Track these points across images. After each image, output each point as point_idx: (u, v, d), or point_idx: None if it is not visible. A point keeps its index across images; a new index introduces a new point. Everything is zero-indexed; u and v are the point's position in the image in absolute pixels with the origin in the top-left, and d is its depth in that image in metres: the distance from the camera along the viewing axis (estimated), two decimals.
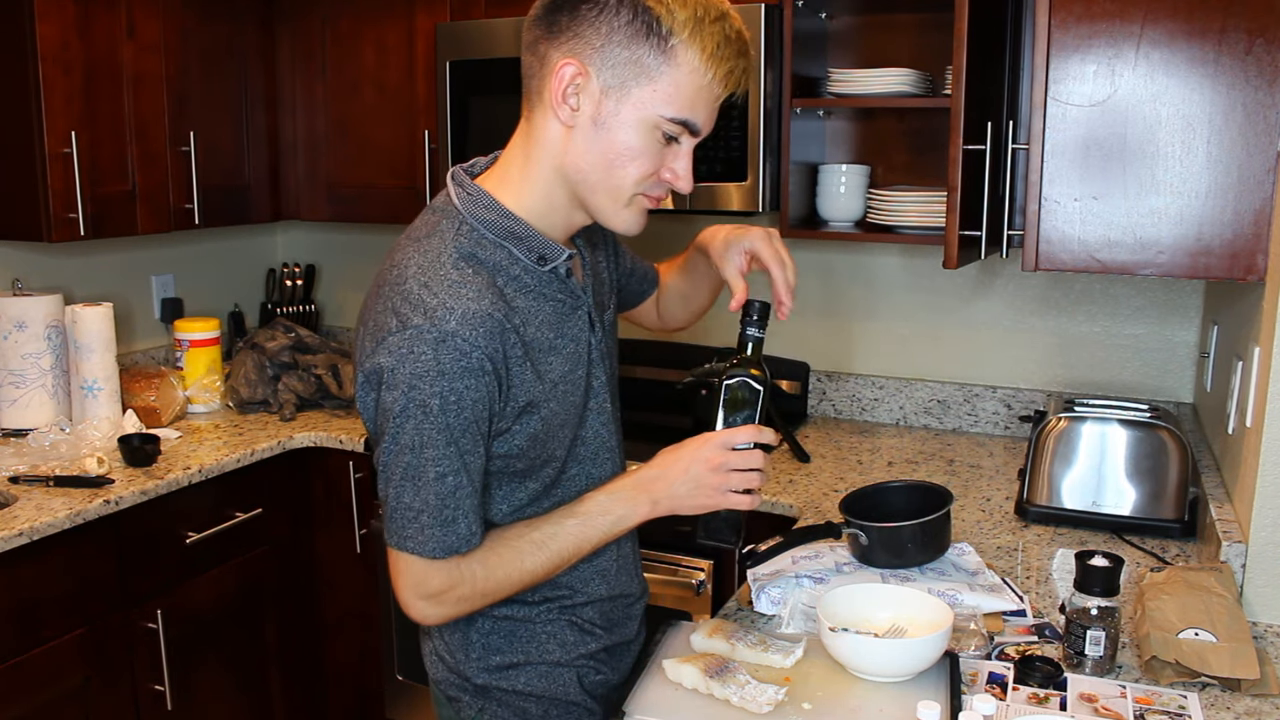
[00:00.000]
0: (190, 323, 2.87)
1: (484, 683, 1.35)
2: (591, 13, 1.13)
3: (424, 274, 1.16)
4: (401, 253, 1.20)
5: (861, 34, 2.66)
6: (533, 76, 1.20)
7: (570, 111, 1.17)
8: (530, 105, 1.22)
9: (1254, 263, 1.76)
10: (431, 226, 1.22)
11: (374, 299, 1.20)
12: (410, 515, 1.18)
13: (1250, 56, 1.72)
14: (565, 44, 1.15)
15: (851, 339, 2.87)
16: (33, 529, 2.04)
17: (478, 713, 1.36)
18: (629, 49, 1.13)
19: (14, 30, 2.38)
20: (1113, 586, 1.46)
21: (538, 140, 1.21)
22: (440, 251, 1.18)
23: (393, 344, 1.13)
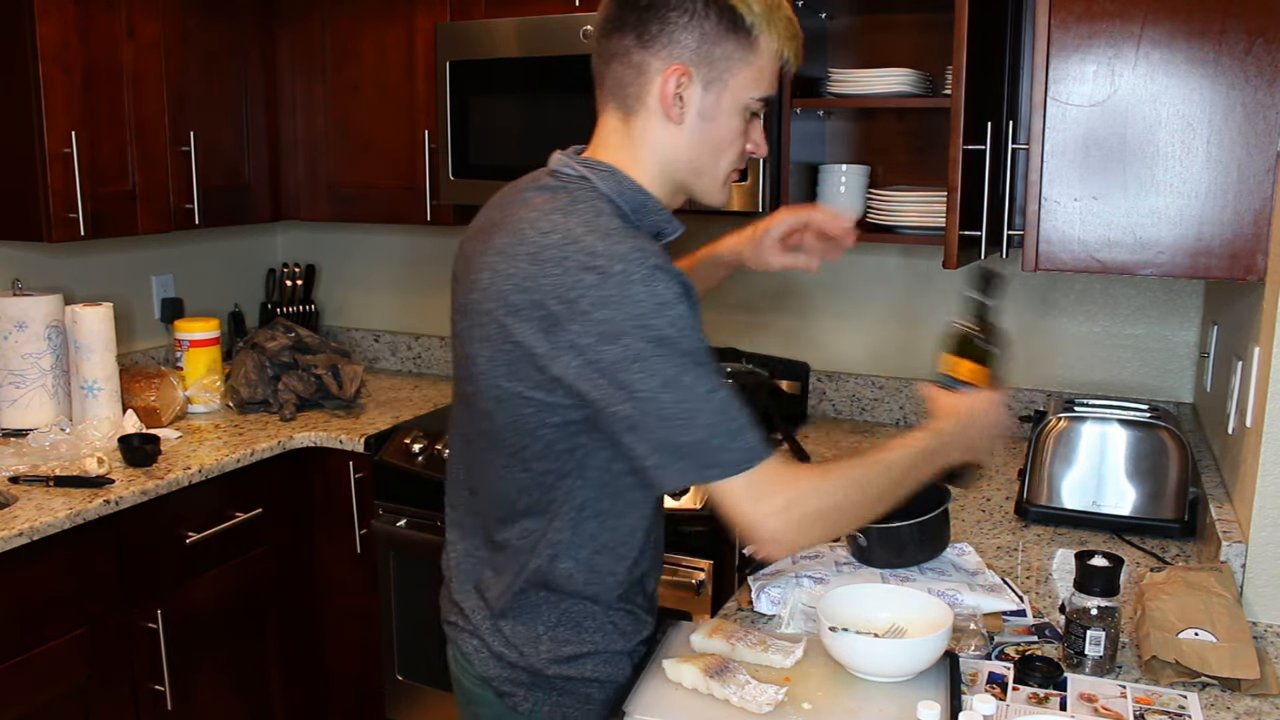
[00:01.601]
0: (190, 323, 2.87)
1: (553, 673, 1.36)
2: (683, 19, 1.24)
3: (596, 231, 1.19)
4: (549, 220, 1.22)
5: (861, 34, 2.66)
6: (629, 84, 1.28)
7: (679, 111, 1.27)
8: (628, 109, 1.30)
9: (1254, 263, 1.76)
10: (571, 198, 1.25)
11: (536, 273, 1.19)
12: (698, 446, 1.16)
13: (1250, 56, 1.72)
14: (663, 50, 1.25)
15: (851, 339, 2.87)
16: (33, 529, 2.04)
17: (535, 705, 1.37)
18: (721, 45, 1.25)
19: (14, 30, 2.38)
20: (1113, 586, 1.46)
21: (643, 140, 1.30)
22: (599, 213, 1.23)
23: (599, 297, 1.15)
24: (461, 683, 1.45)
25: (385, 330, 3.48)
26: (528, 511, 1.33)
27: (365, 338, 3.50)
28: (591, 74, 1.34)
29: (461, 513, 1.43)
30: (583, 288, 1.16)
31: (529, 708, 1.37)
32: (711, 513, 2.28)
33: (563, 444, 1.27)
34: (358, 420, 2.84)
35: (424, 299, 3.40)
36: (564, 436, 1.26)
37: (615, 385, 1.16)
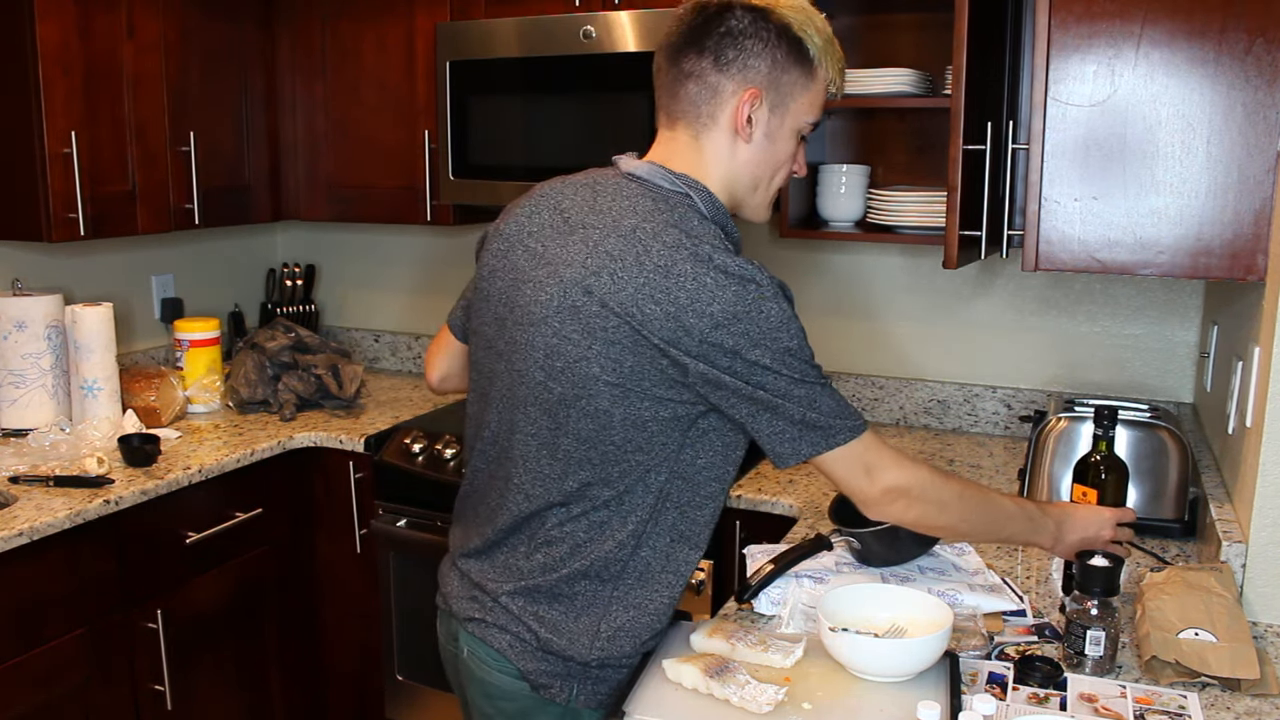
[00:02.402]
0: (190, 323, 2.87)
1: (596, 664, 1.41)
2: (756, 45, 1.35)
3: (720, 250, 1.30)
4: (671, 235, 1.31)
5: (861, 34, 2.66)
6: (703, 103, 1.38)
7: (749, 131, 1.38)
8: (700, 126, 1.39)
9: (1254, 263, 1.76)
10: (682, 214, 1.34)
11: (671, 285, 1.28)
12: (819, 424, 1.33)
13: (1250, 56, 1.72)
14: (738, 74, 1.36)
15: (851, 339, 2.87)
16: (33, 529, 2.04)
17: (571, 694, 1.41)
18: (788, 73, 1.37)
19: (14, 30, 2.38)
20: (1113, 586, 1.46)
21: (714, 157, 1.40)
22: (715, 233, 1.34)
23: (738, 311, 1.27)
24: (481, 679, 1.45)
25: (385, 330, 3.48)
26: (605, 503, 1.38)
27: (365, 338, 3.50)
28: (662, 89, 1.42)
29: (512, 511, 1.43)
30: (721, 302, 1.27)
31: (565, 697, 1.41)
32: None
33: (664, 436, 1.36)
34: (358, 420, 2.84)
35: (424, 299, 3.40)
36: (669, 429, 1.35)
37: (753, 386, 1.30)
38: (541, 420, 1.38)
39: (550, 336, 1.34)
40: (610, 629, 1.41)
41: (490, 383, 1.46)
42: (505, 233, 1.46)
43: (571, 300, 1.32)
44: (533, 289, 1.37)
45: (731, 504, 2.27)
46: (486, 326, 1.46)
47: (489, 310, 1.45)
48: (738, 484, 2.31)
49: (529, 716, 1.43)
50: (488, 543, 1.47)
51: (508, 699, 1.43)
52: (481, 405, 1.48)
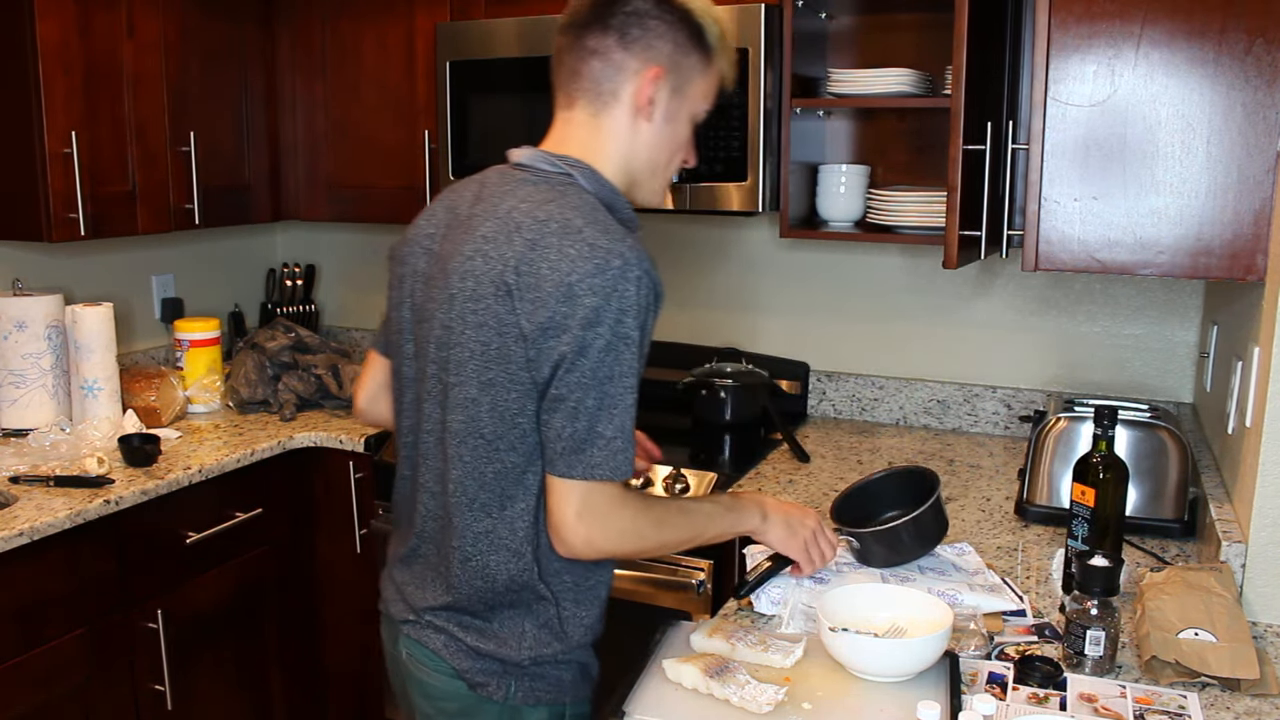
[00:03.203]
0: (190, 323, 2.87)
1: (529, 664, 1.40)
2: (660, 26, 1.37)
3: (595, 224, 1.30)
4: (545, 210, 1.31)
5: (861, 34, 2.66)
6: (606, 80, 1.38)
7: (650, 110, 1.39)
8: (601, 104, 1.39)
9: (1254, 263, 1.76)
10: (561, 192, 1.35)
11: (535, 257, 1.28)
12: (603, 443, 1.28)
13: (1250, 56, 1.72)
14: (642, 52, 1.37)
15: (851, 339, 2.87)
16: (33, 529, 2.04)
17: (509, 692, 1.40)
18: (689, 56, 1.40)
19: (14, 30, 2.38)
20: (1113, 586, 1.46)
21: (612, 135, 1.40)
22: (593, 208, 1.34)
23: (594, 285, 1.25)
24: (421, 679, 1.45)
25: None
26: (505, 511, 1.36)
27: (365, 338, 3.50)
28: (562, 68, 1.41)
29: (421, 513, 1.45)
30: (581, 273, 1.25)
31: (503, 695, 1.40)
32: None
33: (535, 435, 1.33)
34: (358, 420, 2.83)
35: None
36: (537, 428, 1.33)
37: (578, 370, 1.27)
38: (435, 415, 1.40)
39: (437, 328, 1.37)
40: (534, 628, 1.40)
41: (406, 389, 1.48)
42: (409, 239, 1.48)
43: (451, 290, 1.35)
44: (432, 288, 1.40)
45: None
46: (400, 335, 1.48)
47: (401, 317, 1.47)
48: (737, 484, 2.31)
49: (469, 716, 1.42)
50: (410, 550, 1.49)
51: (447, 699, 1.42)
52: (400, 413, 1.51)
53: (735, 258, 2.95)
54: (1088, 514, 1.71)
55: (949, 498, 2.24)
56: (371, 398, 1.63)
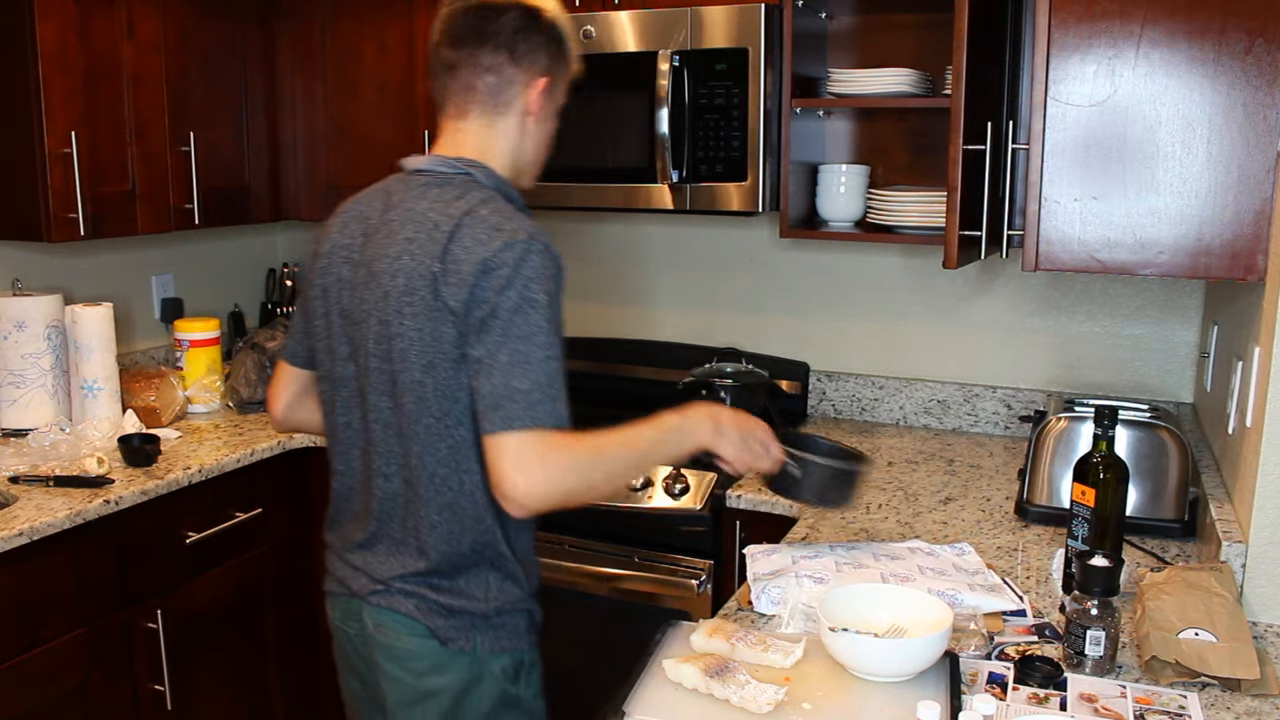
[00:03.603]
0: (190, 323, 2.87)
1: (494, 614, 1.52)
2: (541, 39, 1.55)
3: (500, 211, 1.46)
4: (457, 206, 1.47)
5: (861, 34, 2.66)
6: (500, 92, 1.54)
7: (538, 113, 1.58)
8: (497, 113, 1.56)
9: (1254, 263, 1.76)
10: (464, 189, 1.50)
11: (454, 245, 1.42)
12: (520, 396, 1.38)
13: (1250, 56, 1.72)
14: (530, 65, 1.55)
15: (851, 339, 2.87)
16: (33, 529, 2.04)
17: (476, 643, 1.52)
18: (559, 62, 1.59)
19: (14, 30, 2.38)
20: (1113, 586, 1.46)
21: (505, 137, 1.57)
22: (495, 199, 1.50)
23: (505, 258, 1.40)
24: (390, 645, 1.54)
25: None
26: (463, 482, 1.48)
27: None
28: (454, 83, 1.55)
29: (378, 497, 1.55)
30: (491, 251, 1.41)
31: (471, 647, 1.52)
32: (712, 514, 2.29)
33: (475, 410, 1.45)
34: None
35: None
36: None
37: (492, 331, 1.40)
38: (384, 404, 1.51)
39: (375, 324, 1.49)
40: (498, 580, 1.53)
41: (340, 388, 1.57)
42: (324, 254, 1.59)
43: (384, 288, 1.47)
44: (361, 292, 1.51)
45: (731, 504, 2.27)
46: (330, 340, 1.58)
47: (330, 324, 1.58)
48: (737, 484, 2.31)
49: (442, 671, 1.52)
50: (369, 534, 1.57)
51: (418, 658, 1.52)
52: (334, 413, 1.60)
53: (735, 258, 2.95)
54: (1088, 514, 1.71)
55: (949, 498, 2.25)
56: (289, 406, 1.73)
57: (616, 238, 3.09)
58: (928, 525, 2.08)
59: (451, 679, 1.52)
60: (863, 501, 2.21)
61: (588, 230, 3.12)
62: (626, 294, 3.11)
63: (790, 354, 2.92)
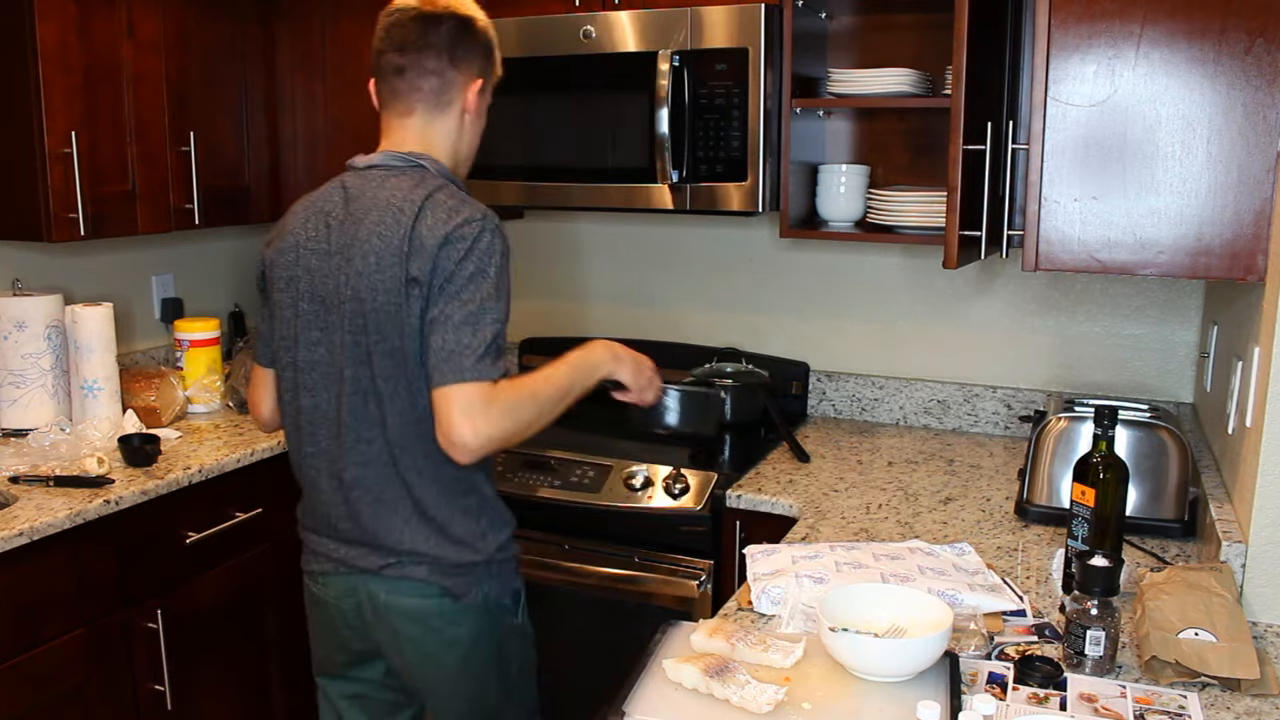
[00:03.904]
0: (190, 323, 2.87)
1: (493, 558, 1.71)
2: (477, 46, 1.73)
3: (455, 196, 1.65)
4: (416, 192, 1.63)
5: (861, 34, 2.66)
6: (442, 93, 1.72)
7: (475, 111, 1.76)
8: (439, 111, 1.73)
9: (1254, 263, 1.76)
10: (420, 178, 1.67)
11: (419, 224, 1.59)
12: (469, 351, 1.56)
13: (1250, 56, 1.72)
14: (467, 69, 1.73)
15: (851, 339, 2.87)
16: (33, 529, 2.04)
17: (481, 592, 1.71)
18: (490, 64, 1.77)
19: (14, 30, 2.38)
20: (1113, 586, 1.46)
21: (444, 133, 1.75)
22: (446, 185, 1.67)
23: (461, 235, 1.58)
24: (408, 608, 1.70)
25: None
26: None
27: None
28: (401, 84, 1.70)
29: (358, 463, 1.68)
30: (451, 227, 1.58)
31: (478, 595, 1.70)
32: (712, 514, 2.28)
33: None
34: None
35: None
36: None
37: (446, 288, 1.57)
38: (363, 374, 1.65)
39: (350, 303, 1.63)
40: (486, 523, 1.71)
41: (307, 372, 1.70)
42: (286, 249, 1.72)
43: (358, 268, 1.62)
44: (336, 276, 1.66)
45: (731, 504, 2.27)
46: (296, 328, 1.71)
47: (299, 312, 1.70)
48: (737, 484, 2.31)
49: (458, 622, 1.71)
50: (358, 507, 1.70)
51: (437, 616, 1.70)
52: (298, 397, 1.73)
53: (735, 258, 2.95)
54: (1088, 514, 1.71)
55: (949, 498, 2.25)
56: (273, 410, 1.85)
57: (616, 238, 3.09)
58: (928, 525, 2.08)
59: (468, 628, 1.71)
60: (863, 501, 2.21)
61: (588, 230, 3.13)
62: (626, 294, 3.11)
63: (790, 354, 2.92)
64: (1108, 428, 1.70)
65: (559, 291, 3.20)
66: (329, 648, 1.83)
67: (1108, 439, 1.70)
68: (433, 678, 1.76)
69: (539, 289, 3.22)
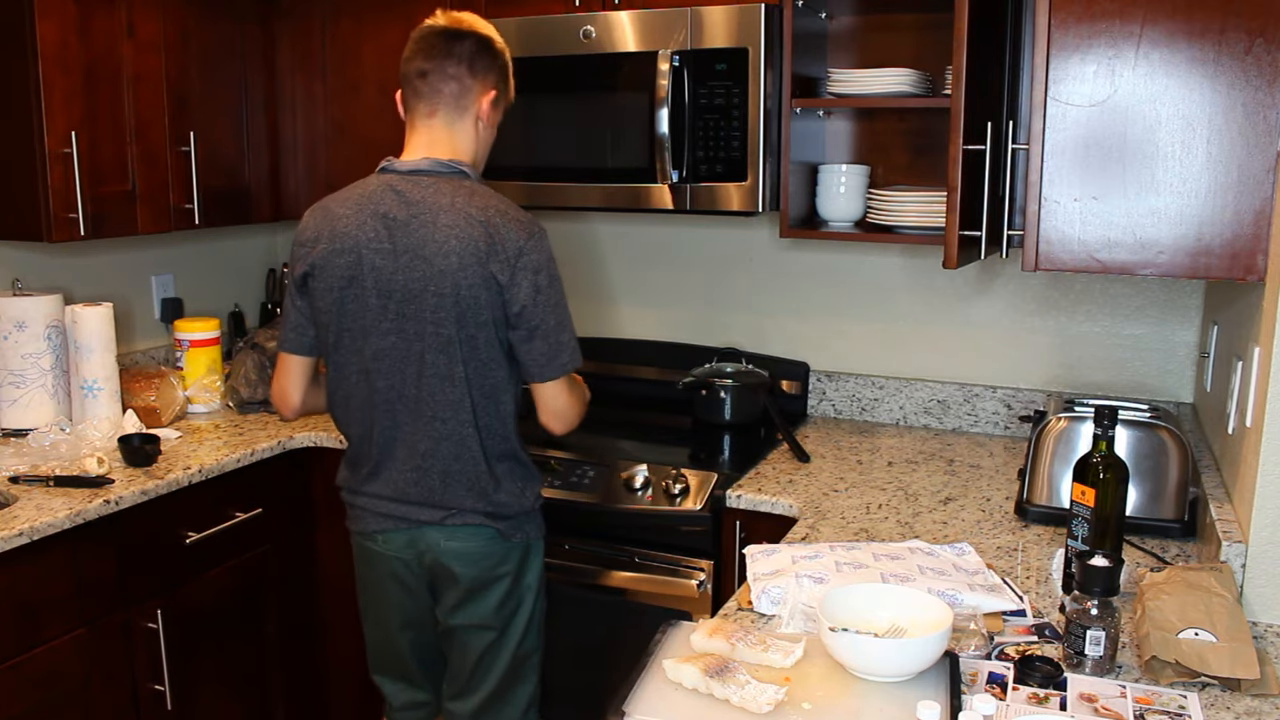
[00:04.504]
0: (190, 323, 2.87)
1: (533, 507, 2.03)
2: (497, 62, 1.97)
3: (510, 205, 1.90)
4: (475, 202, 1.87)
5: (861, 34, 2.66)
6: (461, 97, 1.94)
7: (488, 119, 1.98)
8: (458, 117, 1.95)
9: (1254, 263, 1.76)
10: (470, 186, 1.90)
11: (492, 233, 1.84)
12: (567, 345, 1.92)
13: (1250, 56, 1.72)
14: (484, 78, 1.95)
15: (851, 339, 2.87)
16: (33, 529, 2.04)
17: (526, 534, 2.01)
18: (504, 82, 2.00)
19: (14, 30, 2.38)
20: (1113, 586, 1.46)
21: (465, 137, 1.96)
22: (487, 190, 1.92)
23: (530, 245, 1.85)
24: (463, 551, 1.96)
25: None
26: (500, 410, 1.94)
27: None
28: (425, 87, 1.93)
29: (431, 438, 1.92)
30: (521, 239, 1.85)
31: (523, 537, 2.01)
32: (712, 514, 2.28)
33: (505, 352, 1.90)
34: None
35: None
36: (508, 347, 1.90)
37: (538, 300, 1.86)
38: (439, 360, 1.88)
39: (431, 297, 1.85)
40: (523, 480, 2.01)
41: (379, 359, 1.91)
42: (343, 250, 1.90)
43: (438, 267, 1.84)
44: (406, 273, 1.86)
45: (731, 504, 2.27)
46: (364, 320, 1.90)
47: (362, 308, 1.90)
48: (737, 484, 2.31)
49: (506, 559, 1.99)
50: (423, 473, 1.94)
51: (489, 555, 1.98)
52: (368, 381, 1.94)
53: (735, 258, 2.95)
54: (1088, 514, 1.71)
55: (949, 498, 2.25)
56: (305, 394, 2.07)
57: (616, 238, 3.09)
58: (928, 525, 2.08)
59: (511, 565, 2.01)
60: (863, 501, 2.21)
61: (588, 230, 3.13)
62: (626, 294, 3.11)
63: (790, 354, 2.92)
64: (1108, 428, 1.70)
65: None
66: (389, 594, 2.05)
67: (1108, 439, 1.70)
68: (476, 614, 2.00)
69: None
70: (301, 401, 2.07)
